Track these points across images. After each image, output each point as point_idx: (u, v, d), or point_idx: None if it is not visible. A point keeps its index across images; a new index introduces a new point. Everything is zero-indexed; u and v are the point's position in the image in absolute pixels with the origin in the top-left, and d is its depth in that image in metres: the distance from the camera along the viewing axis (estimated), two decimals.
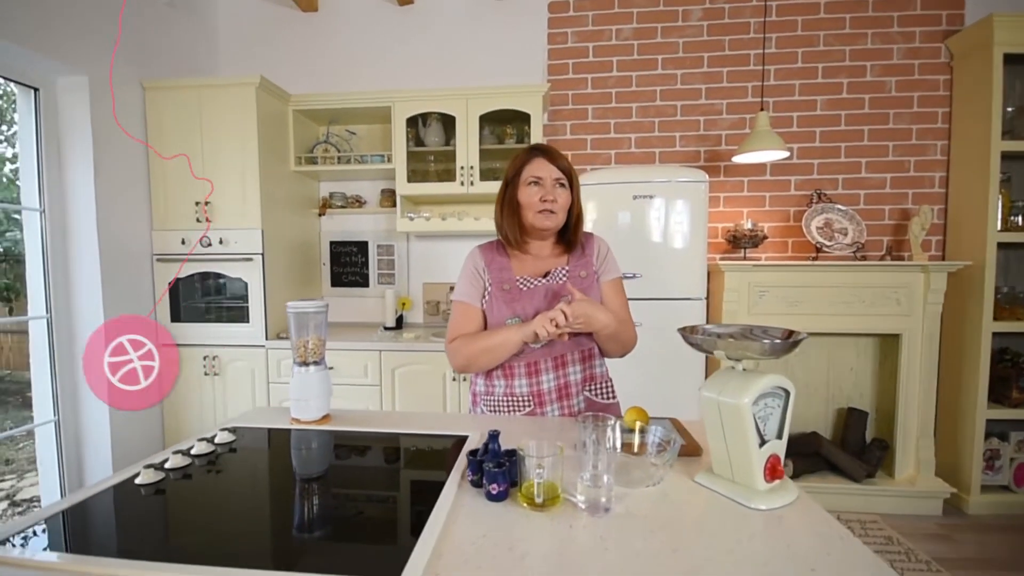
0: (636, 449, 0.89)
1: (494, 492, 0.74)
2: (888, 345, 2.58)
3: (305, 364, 1.12)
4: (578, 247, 1.27)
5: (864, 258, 2.52)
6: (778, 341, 0.78)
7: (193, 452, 0.93)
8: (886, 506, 2.38)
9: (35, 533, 0.66)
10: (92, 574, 0.57)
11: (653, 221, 2.16)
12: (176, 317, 2.41)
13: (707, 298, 2.71)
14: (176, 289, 2.41)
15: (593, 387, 1.24)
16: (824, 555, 0.62)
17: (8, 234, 2.29)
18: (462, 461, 0.86)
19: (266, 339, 2.34)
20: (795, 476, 2.45)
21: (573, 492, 0.74)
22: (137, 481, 0.81)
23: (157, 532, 0.70)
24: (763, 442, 0.77)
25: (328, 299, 2.94)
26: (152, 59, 2.41)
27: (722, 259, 2.67)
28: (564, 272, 1.23)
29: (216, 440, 0.99)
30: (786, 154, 2.36)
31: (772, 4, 2.63)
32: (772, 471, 0.76)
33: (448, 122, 2.53)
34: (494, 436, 0.81)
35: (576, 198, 1.23)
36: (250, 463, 0.95)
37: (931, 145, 2.59)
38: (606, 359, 1.30)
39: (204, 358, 2.37)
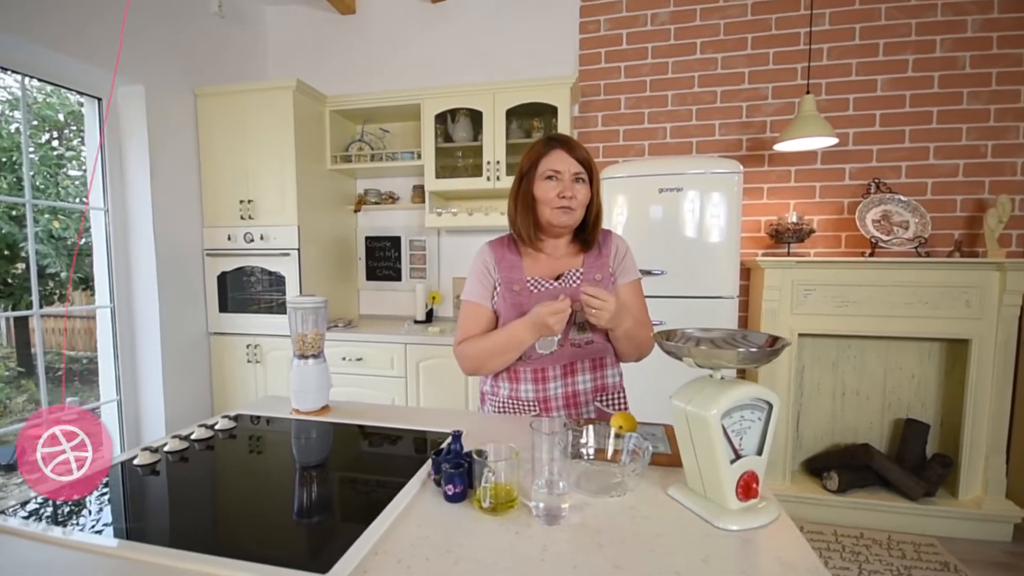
0: (610, 456, 0.85)
1: (450, 493, 0.74)
2: (956, 351, 2.32)
3: (304, 357, 1.17)
4: (595, 247, 1.20)
5: (928, 254, 2.28)
6: (754, 350, 0.71)
7: (192, 437, 1.00)
8: (946, 529, 2.15)
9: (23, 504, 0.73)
10: (52, 542, 0.63)
11: (681, 215, 2.06)
12: (224, 308, 2.58)
13: (746, 297, 2.59)
14: (224, 281, 2.58)
15: (604, 398, 1.19)
16: None
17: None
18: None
19: None
20: (842, 491, 2.27)
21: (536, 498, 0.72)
22: (135, 462, 0.88)
23: (135, 511, 0.75)
24: (737, 457, 0.71)
25: (363, 292, 3.05)
26: (204, 67, 2.58)
27: (764, 255, 2.50)
28: (578, 274, 1.17)
29: (216, 427, 1.05)
30: (834, 140, 2.17)
31: None
32: (746, 489, 0.70)
33: (476, 117, 2.53)
34: (456, 436, 0.80)
35: (596, 193, 1.15)
36: (240, 450, 1.00)
37: (1012, 127, 2.28)
38: (622, 365, 1.24)
39: (247, 346, 2.54)
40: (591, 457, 0.85)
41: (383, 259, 2.98)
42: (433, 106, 2.52)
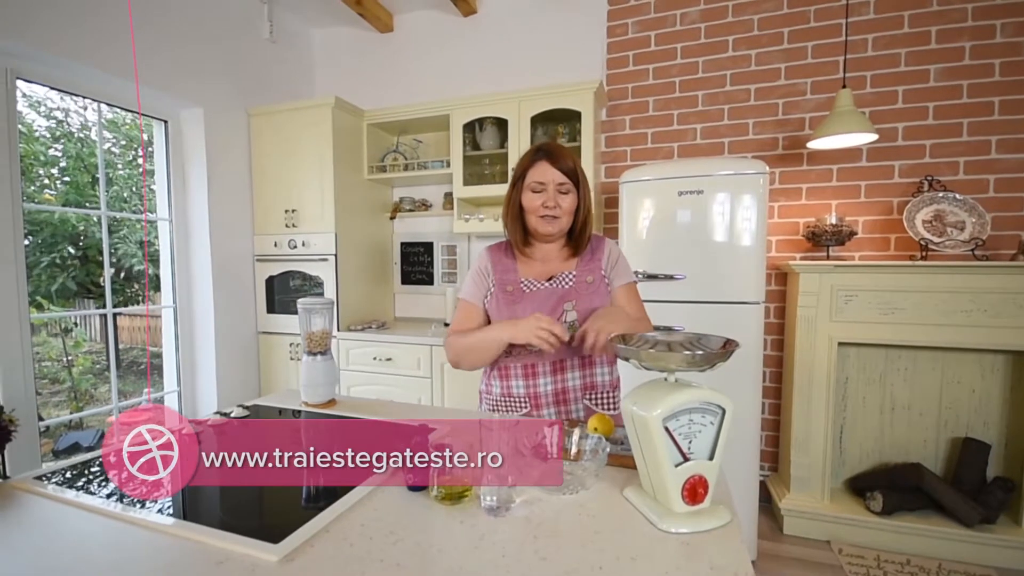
0: (573, 456, 0.87)
1: (410, 482, 0.79)
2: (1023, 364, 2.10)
3: (312, 354, 1.26)
4: (587, 250, 1.24)
5: (987, 257, 2.08)
6: (700, 352, 0.71)
7: (209, 423, 1.11)
8: (1006, 559, 1.94)
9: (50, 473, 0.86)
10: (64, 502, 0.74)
11: (703, 218, 2.00)
12: (271, 309, 2.80)
13: (782, 303, 2.48)
14: (271, 285, 2.80)
15: (593, 396, 1.21)
16: None
17: None
18: None
19: (337, 330, 2.62)
20: (887, 513, 2.11)
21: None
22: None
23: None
24: (685, 460, 0.71)
25: (399, 296, 3.19)
26: (257, 88, 2.81)
27: (803, 258, 2.38)
28: (571, 276, 1.21)
29: (232, 415, 1.17)
30: (874, 137, 2.04)
31: None
32: (692, 493, 0.70)
33: (502, 125, 2.59)
34: (422, 429, 0.85)
35: (584, 199, 1.19)
36: (247, 436, 1.10)
37: None
38: (620, 365, 1.25)
39: (290, 345, 2.73)
40: (554, 456, 0.87)
41: (417, 264, 3.11)
42: (461, 116, 2.60)
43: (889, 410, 2.34)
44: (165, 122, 2.45)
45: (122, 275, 4.32)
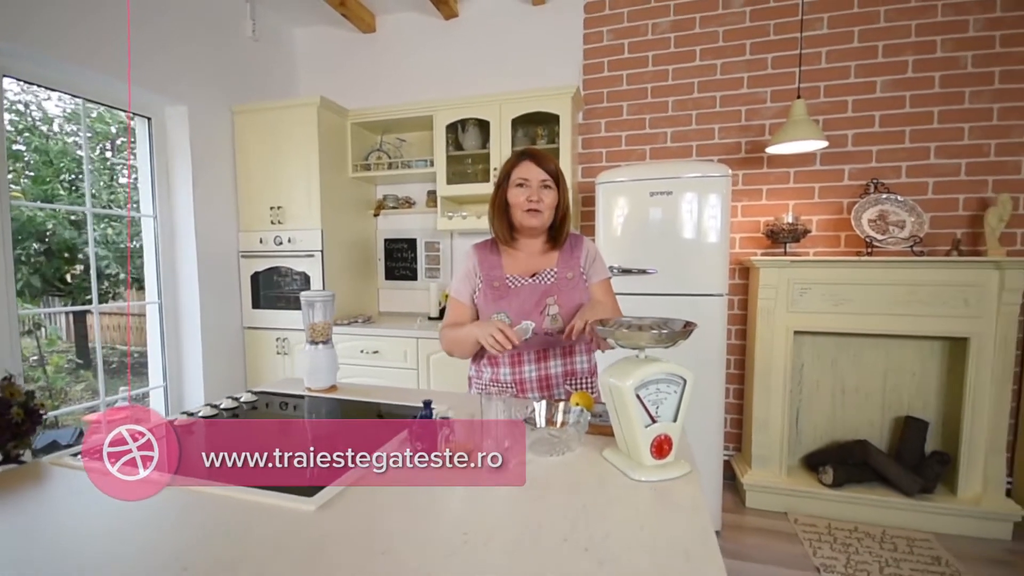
0: (559, 425, 1.00)
1: (418, 449, 0.90)
2: (957, 350, 2.33)
3: (315, 343, 1.36)
4: (566, 247, 1.36)
5: (924, 253, 2.30)
6: (664, 331, 0.85)
7: (222, 407, 1.20)
8: (943, 525, 2.18)
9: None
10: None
11: (672, 217, 2.16)
12: (256, 304, 2.84)
13: (744, 296, 2.67)
14: (256, 280, 2.84)
15: (573, 381, 1.34)
16: (663, 521, 0.70)
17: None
18: None
19: None
20: (837, 485, 2.32)
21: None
22: (175, 423, 1.08)
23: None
24: (653, 422, 0.84)
25: (383, 291, 3.27)
26: (240, 86, 2.84)
27: (763, 255, 2.57)
28: (552, 272, 1.33)
29: (242, 399, 1.25)
30: (824, 144, 2.23)
31: None
32: (659, 449, 0.84)
33: (484, 126, 2.70)
34: (427, 404, 0.97)
35: (563, 198, 1.32)
36: (260, 416, 1.19)
37: (1016, 126, 2.28)
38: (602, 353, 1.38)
39: (277, 340, 2.78)
40: (543, 425, 1.00)
41: (401, 260, 3.19)
42: (444, 117, 2.70)
43: (840, 393, 2.56)
44: (148, 119, 2.47)
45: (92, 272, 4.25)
